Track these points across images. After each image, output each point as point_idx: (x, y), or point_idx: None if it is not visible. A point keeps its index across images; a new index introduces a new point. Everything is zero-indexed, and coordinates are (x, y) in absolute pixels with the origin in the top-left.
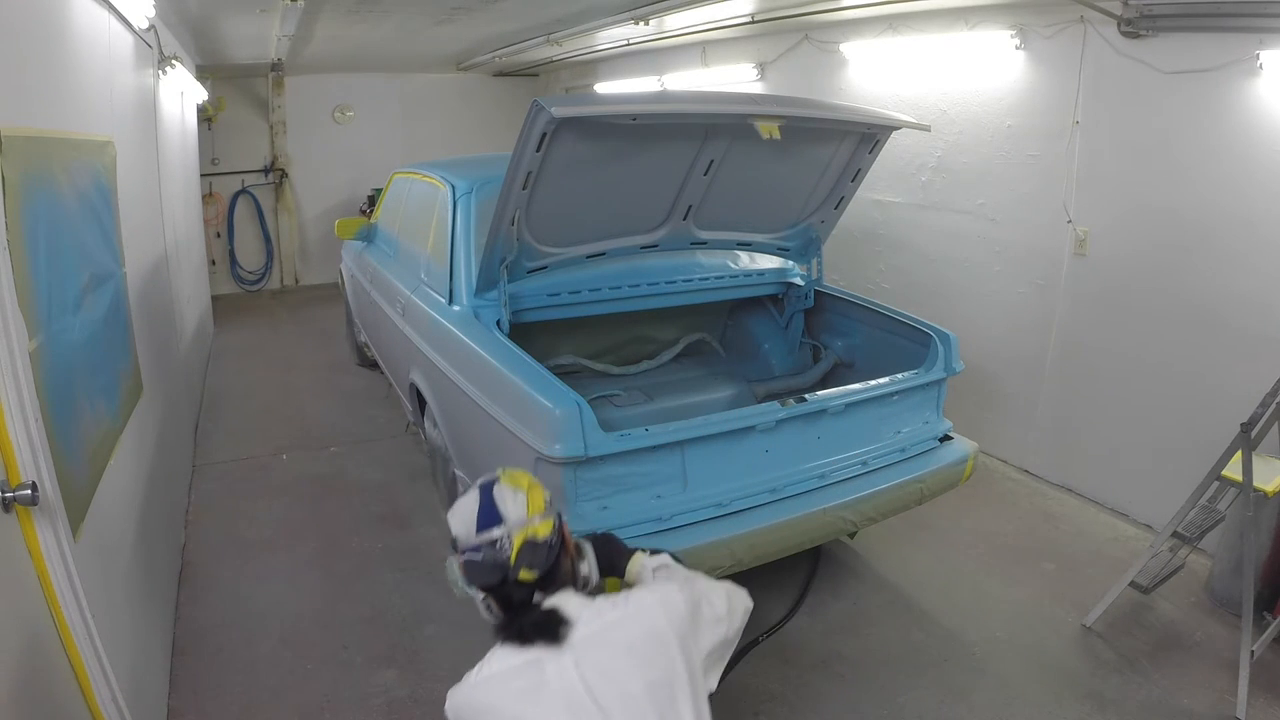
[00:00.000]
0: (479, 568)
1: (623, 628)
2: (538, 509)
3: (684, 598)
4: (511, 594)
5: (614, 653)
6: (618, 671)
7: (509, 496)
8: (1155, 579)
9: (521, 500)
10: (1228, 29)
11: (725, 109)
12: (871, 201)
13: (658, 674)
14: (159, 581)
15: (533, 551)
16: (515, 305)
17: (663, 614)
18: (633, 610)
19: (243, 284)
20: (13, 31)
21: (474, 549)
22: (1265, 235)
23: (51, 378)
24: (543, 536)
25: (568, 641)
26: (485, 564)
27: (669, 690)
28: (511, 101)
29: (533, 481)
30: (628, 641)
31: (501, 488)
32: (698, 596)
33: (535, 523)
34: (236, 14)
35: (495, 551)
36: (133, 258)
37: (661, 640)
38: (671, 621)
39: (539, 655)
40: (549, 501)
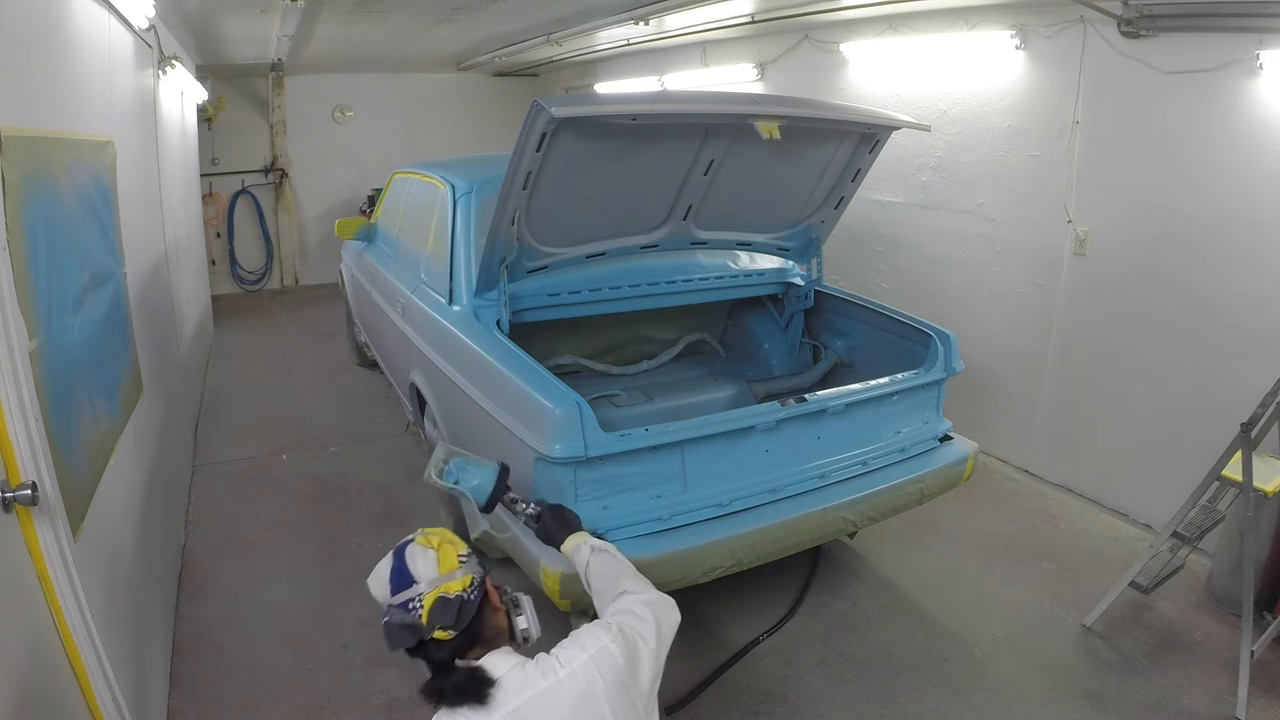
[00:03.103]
0: (393, 630)
1: (556, 694)
2: (450, 567)
3: (619, 648)
4: (431, 654)
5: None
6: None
7: (419, 556)
8: (1155, 579)
9: (432, 558)
10: (1228, 29)
11: (725, 109)
12: (871, 201)
13: None
14: (159, 581)
15: (443, 610)
16: (515, 305)
17: (597, 675)
18: (565, 675)
19: (243, 284)
20: (12, 31)
21: (386, 612)
22: (1265, 235)
23: (51, 378)
24: (455, 593)
25: (501, 708)
26: (397, 625)
27: None
28: (511, 101)
29: (445, 539)
30: (561, 710)
31: (413, 548)
32: (632, 639)
33: (447, 580)
34: (236, 14)
35: (407, 613)
36: (133, 258)
37: (595, 704)
38: (607, 680)
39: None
40: (464, 558)
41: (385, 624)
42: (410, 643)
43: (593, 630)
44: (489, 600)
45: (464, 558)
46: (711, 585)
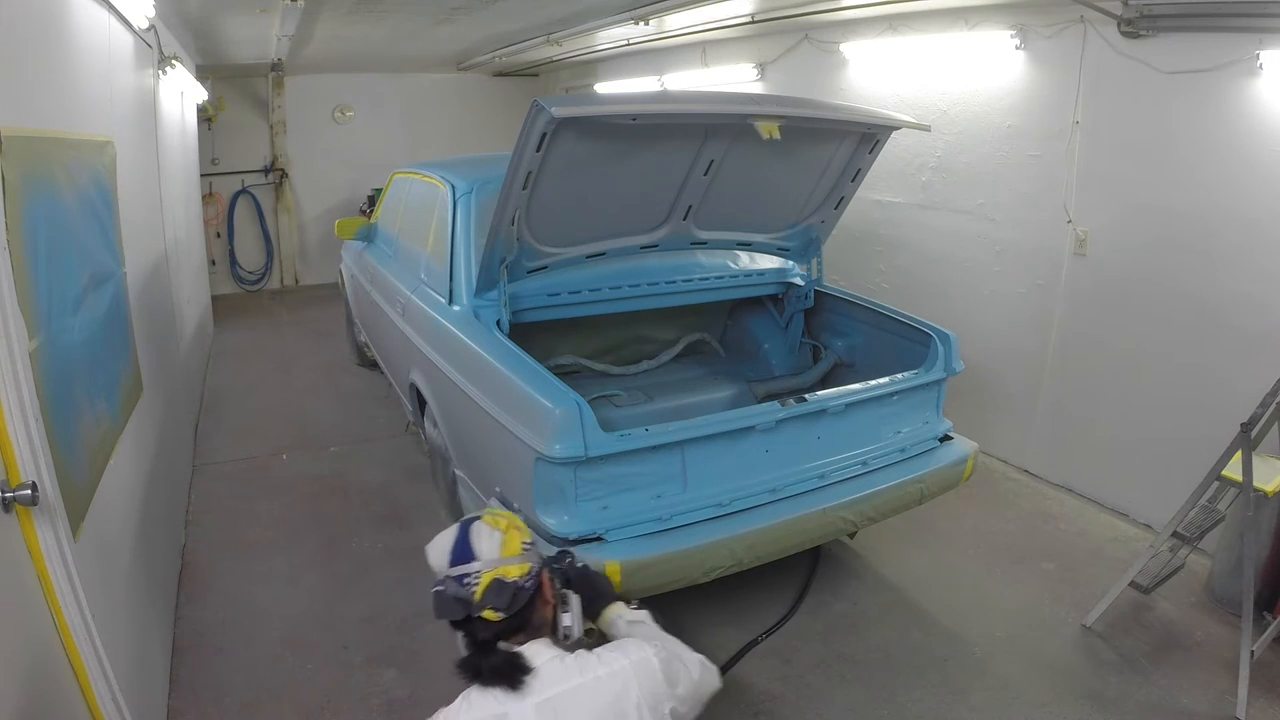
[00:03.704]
0: (444, 601)
1: (591, 691)
2: (513, 551)
3: (660, 663)
4: (476, 632)
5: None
6: None
7: (485, 534)
8: (1155, 579)
9: (497, 540)
10: (1228, 29)
11: (725, 109)
12: (871, 201)
13: None
14: (159, 581)
15: (498, 592)
16: (515, 305)
17: (634, 682)
18: (604, 675)
19: (243, 284)
20: (13, 31)
21: (441, 582)
22: (1265, 235)
23: (51, 378)
24: (512, 578)
25: (533, 696)
26: (450, 597)
27: None
28: (511, 101)
29: (513, 523)
30: (593, 709)
31: (480, 525)
32: (674, 664)
33: (507, 564)
34: (236, 14)
35: (461, 588)
36: (133, 258)
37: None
38: (643, 688)
39: (505, 709)
40: (529, 546)
41: (437, 593)
42: (458, 616)
43: (638, 641)
44: (542, 591)
45: (527, 545)
46: (711, 585)
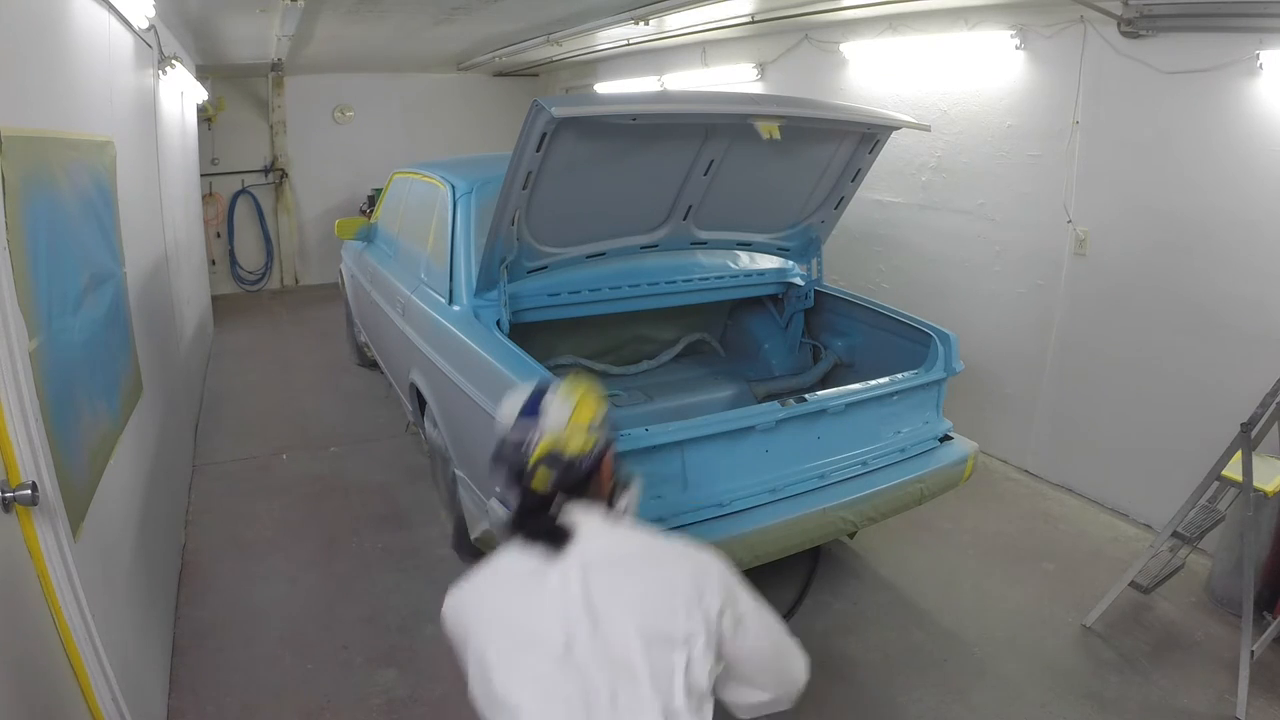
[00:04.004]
0: (500, 457)
1: (645, 563)
2: (579, 422)
3: (719, 574)
4: (526, 495)
5: (626, 584)
6: (623, 605)
7: (556, 401)
8: (1155, 579)
9: (567, 409)
10: (1228, 29)
11: (725, 109)
12: (871, 201)
13: (661, 627)
14: (159, 581)
15: (551, 461)
16: (515, 305)
17: (687, 572)
18: (658, 550)
19: (243, 284)
20: (13, 31)
21: (501, 437)
22: (1265, 235)
23: (51, 378)
24: (570, 450)
25: (579, 555)
26: (505, 456)
27: (667, 652)
28: (511, 101)
29: (590, 397)
30: (644, 581)
31: (556, 390)
32: (736, 591)
33: (568, 435)
34: (236, 14)
35: (518, 449)
36: (133, 258)
37: (669, 597)
38: (691, 586)
39: (543, 565)
40: (598, 422)
41: (497, 447)
42: (510, 477)
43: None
44: (602, 470)
45: (599, 422)
46: None
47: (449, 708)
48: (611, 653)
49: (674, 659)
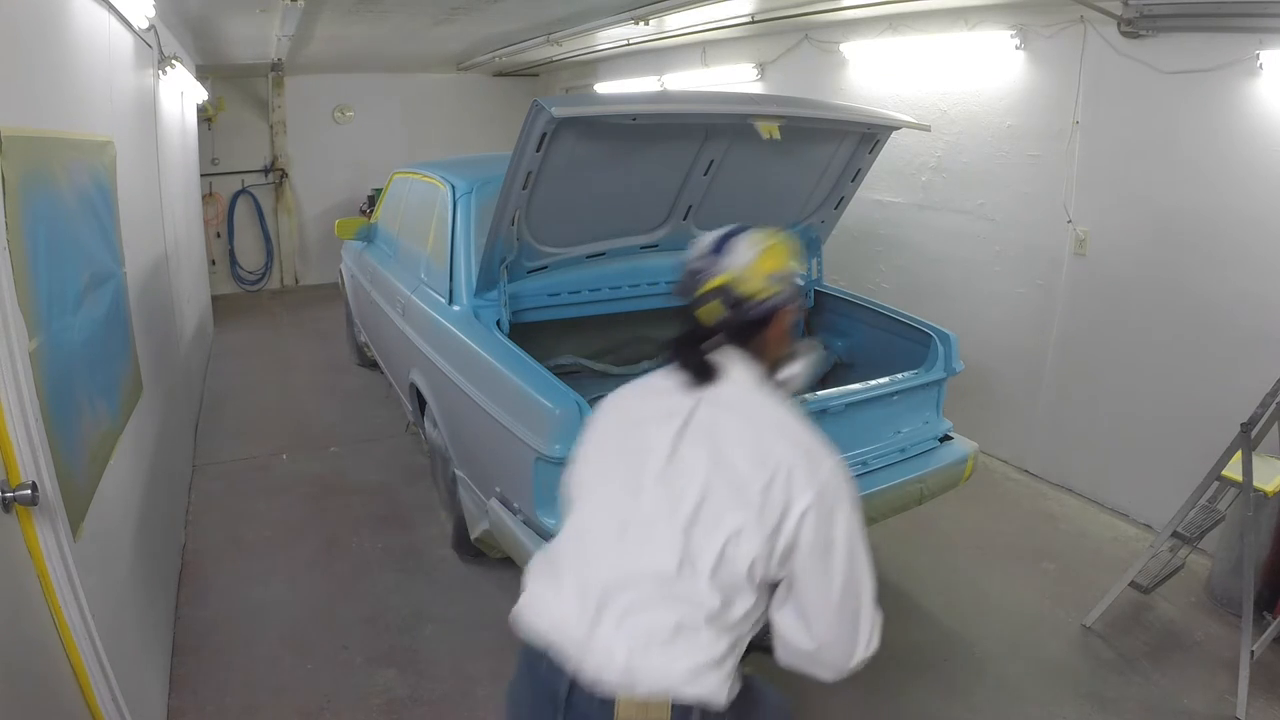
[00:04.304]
0: (681, 282)
1: (760, 427)
2: (762, 268)
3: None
4: (693, 327)
5: (729, 434)
6: (711, 451)
7: (746, 242)
8: (1155, 579)
9: (753, 253)
10: (1228, 29)
11: (725, 109)
12: (871, 201)
13: (731, 489)
14: (159, 581)
15: (725, 296)
16: (515, 305)
17: (796, 458)
18: (783, 426)
19: (243, 284)
20: (13, 31)
21: (686, 266)
22: (1265, 235)
23: (51, 378)
24: (743, 291)
25: (711, 395)
26: (684, 282)
27: (720, 514)
28: (511, 101)
29: (781, 247)
30: (747, 442)
31: (750, 234)
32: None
33: (746, 278)
34: (236, 14)
35: (694, 277)
36: (133, 258)
37: (765, 469)
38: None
39: (676, 390)
40: (784, 275)
41: (682, 273)
42: (684, 303)
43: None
44: (777, 323)
45: (785, 274)
46: None
47: (449, 708)
48: (672, 485)
49: (723, 522)
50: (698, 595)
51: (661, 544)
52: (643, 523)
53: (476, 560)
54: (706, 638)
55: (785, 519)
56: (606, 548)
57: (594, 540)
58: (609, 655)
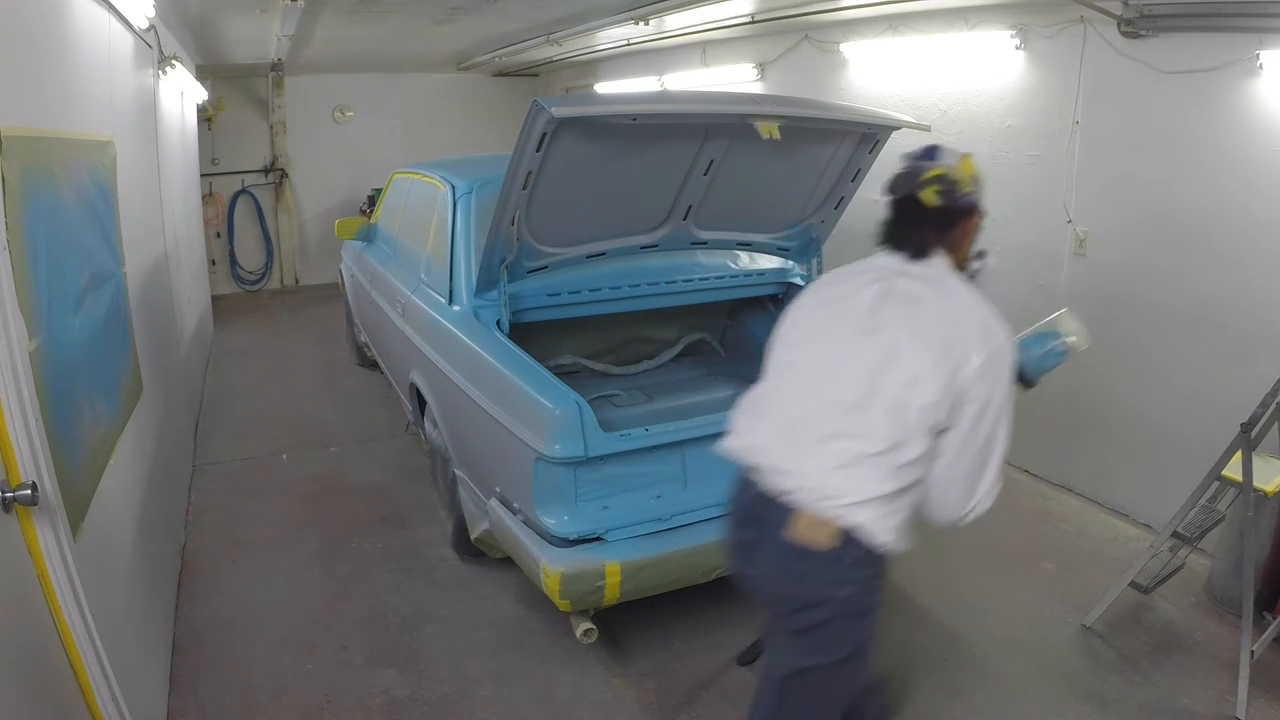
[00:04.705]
0: (898, 177)
1: (951, 301)
2: (967, 169)
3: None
4: (908, 210)
5: (927, 303)
6: (910, 314)
7: (949, 151)
8: (1155, 579)
9: (956, 160)
10: (1228, 29)
11: (725, 109)
12: (872, 201)
13: (924, 347)
14: (159, 581)
15: (943, 183)
16: (515, 305)
17: (977, 333)
18: (971, 305)
19: (243, 284)
20: (13, 31)
21: (902, 167)
22: (1266, 235)
23: (51, 378)
24: (954, 179)
25: (917, 272)
26: (897, 178)
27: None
28: (511, 101)
29: (973, 162)
30: (939, 310)
31: (948, 149)
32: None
33: (957, 171)
34: (236, 14)
35: (913, 169)
36: (133, 258)
37: (955, 341)
38: (971, 345)
39: (891, 269)
40: (978, 181)
41: (896, 173)
42: (902, 191)
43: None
44: (972, 219)
45: (978, 181)
46: (712, 585)
47: (449, 708)
48: (868, 335)
49: (906, 369)
50: (874, 430)
51: (852, 382)
52: (840, 365)
53: (476, 560)
54: (877, 473)
55: (959, 372)
56: (806, 384)
57: (795, 378)
58: (799, 474)
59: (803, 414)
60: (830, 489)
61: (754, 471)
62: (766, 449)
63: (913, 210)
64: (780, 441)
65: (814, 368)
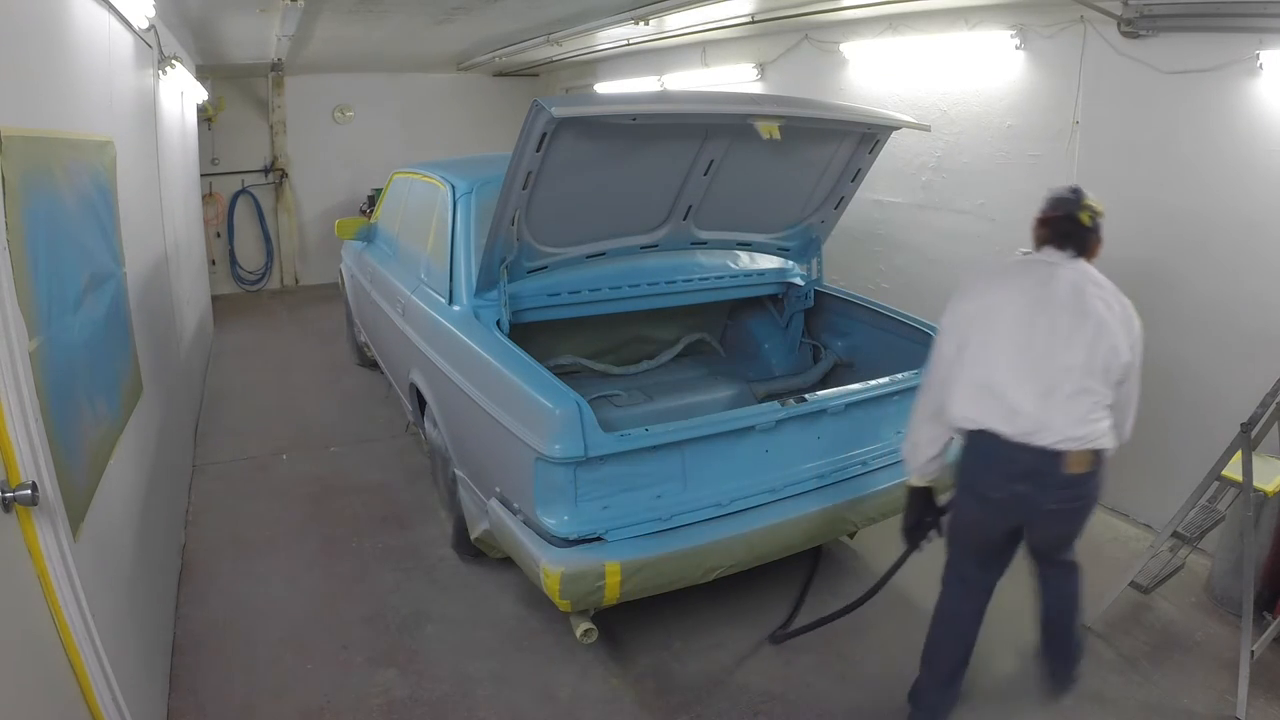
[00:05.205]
0: (1060, 200)
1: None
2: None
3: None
4: (1069, 224)
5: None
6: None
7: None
8: (1155, 579)
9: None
10: (1228, 29)
11: (725, 109)
12: (871, 201)
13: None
14: (159, 581)
15: (1093, 211)
16: (515, 305)
17: (1132, 314)
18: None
19: (243, 284)
20: (13, 31)
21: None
22: (1265, 235)
23: (51, 378)
24: (1099, 210)
25: (1080, 269)
26: (1063, 199)
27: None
28: (511, 101)
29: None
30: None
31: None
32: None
33: (1097, 204)
34: (236, 14)
35: (1075, 195)
36: (133, 258)
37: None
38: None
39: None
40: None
41: (1049, 204)
42: (1066, 210)
43: None
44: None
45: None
46: (712, 585)
47: (449, 708)
48: (1078, 319)
49: (1108, 341)
50: (1098, 386)
51: (1080, 352)
52: (1068, 339)
53: (476, 560)
54: (1102, 412)
55: (1133, 339)
56: (1041, 357)
57: (1031, 355)
58: (1060, 427)
59: (1049, 382)
60: (1085, 432)
61: (1006, 436)
62: (1029, 414)
63: (1073, 225)
64: (1037, 407)
65: (1044, 343)
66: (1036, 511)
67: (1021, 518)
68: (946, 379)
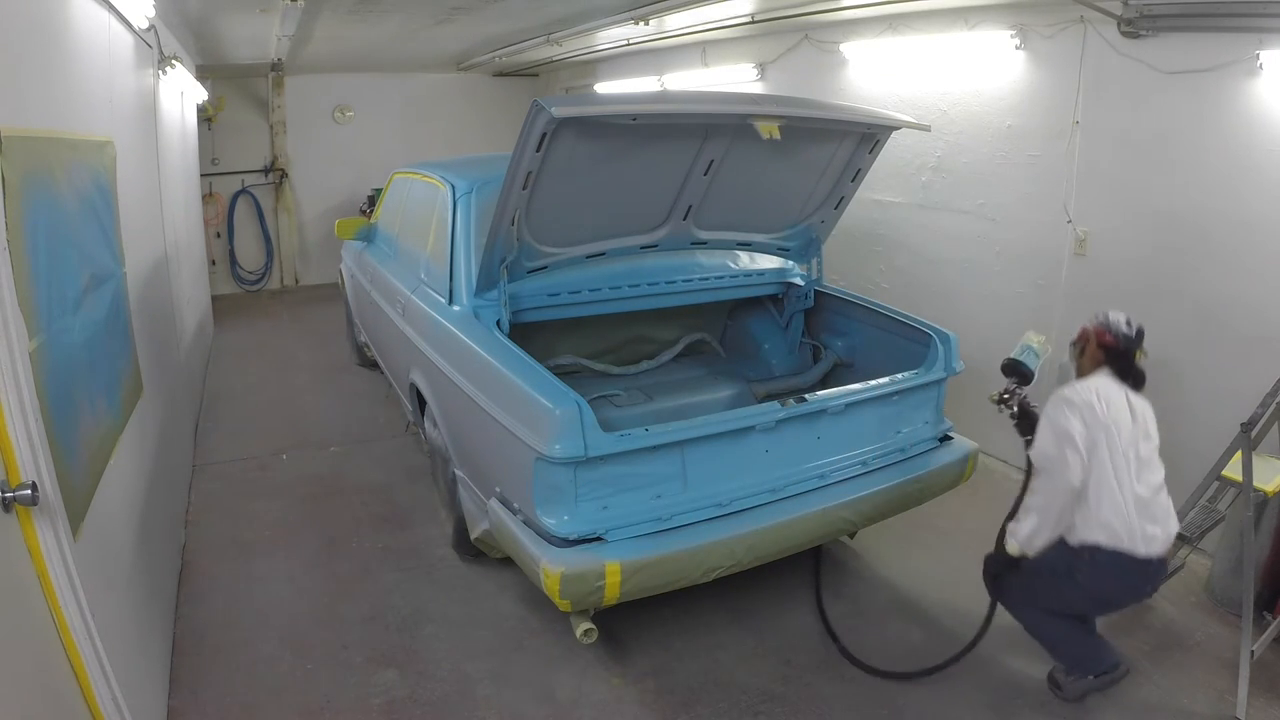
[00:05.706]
0: (1127, 339)
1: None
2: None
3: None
4: (1129, 361)
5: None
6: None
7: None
8: None
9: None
10: (1227, 29)
11: (725, 109)
12: (871, 201)
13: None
14: (159, 581)
15: (1145, 354)
16: (515, 305)
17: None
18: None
19: (243, 284)
20: (12, 31)
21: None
22: (1265, 235)
23: (51, 378)
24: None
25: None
26: (1131, 338)
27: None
28: (511, 101)
29: None
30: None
31: None
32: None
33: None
34: (236, 14)
35: (1135, 339)
36: (133, 258)
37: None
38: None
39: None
40: None
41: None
42: (1131, 348)
43: None
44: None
45: None
46: (711, 585)
47: (449, 708)
48: (1145, 437)
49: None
50: (1163, 489)
51: (1156, 471)
52: (1147, 458)
53: (476, 560)
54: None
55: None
56: (1133, 479)
57: (1122, 478)
58: (1164, 535)
59: (1147, 495)
60: (1172, 531)
61: (1125, 547)
62: (1134, 530)
63: (1131, 363)
64: (1162, 528)
65: (1135, 463)
66: (1139, 599)
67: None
68: (1071, 501)
